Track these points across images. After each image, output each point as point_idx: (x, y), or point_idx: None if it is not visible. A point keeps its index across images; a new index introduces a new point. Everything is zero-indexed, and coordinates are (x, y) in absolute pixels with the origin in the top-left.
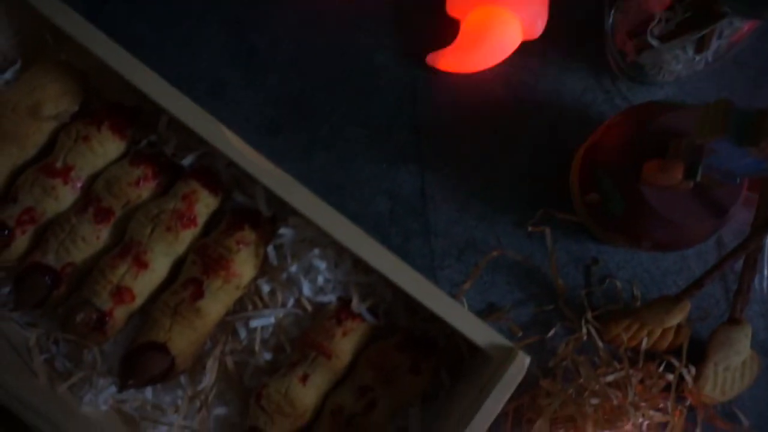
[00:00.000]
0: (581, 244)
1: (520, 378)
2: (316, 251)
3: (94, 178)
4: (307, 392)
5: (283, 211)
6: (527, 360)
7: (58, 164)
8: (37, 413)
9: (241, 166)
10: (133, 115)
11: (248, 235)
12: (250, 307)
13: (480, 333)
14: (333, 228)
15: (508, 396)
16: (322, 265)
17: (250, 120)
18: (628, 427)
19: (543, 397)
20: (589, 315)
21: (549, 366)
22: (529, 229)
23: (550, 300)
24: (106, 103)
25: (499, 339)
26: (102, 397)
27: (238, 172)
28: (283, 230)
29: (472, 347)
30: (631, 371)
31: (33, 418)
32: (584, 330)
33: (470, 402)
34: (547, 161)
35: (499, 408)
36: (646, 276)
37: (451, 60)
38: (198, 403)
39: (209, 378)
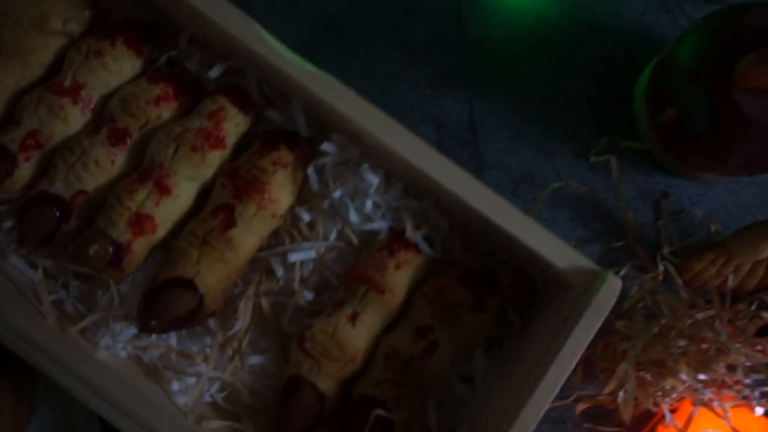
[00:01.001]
0: (649, 177)
1: (611, 303)
2: (365, 169)
3: (106, 99)
4: (357, 333)
5: (322, 133)
6: (619, 283)
7: (67, 82)
8: (46, 354)
9: (279, 67)
10: (149, 30)
11: (285, 155)
12: (287, 240)
13: (562, 255)
14: (388, 137)
15: (598, 325)
16: (370, 187)
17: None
18: (723, 370)
19: (620, 342)
20: (666, 250)
21: (623, 308)
22: (592, 159)
23: (618, 237)
24: (120, 18)
25: (584, 261)
26: (120, 343)
27: (271, 89)
28: (326, 145)
29: (548, 278)
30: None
31: (42, 360)
32: (660, 268)
33: (550, 338)
34: (607, 85)
35: (588, 339)
36: (723, 211)
37: None
38: (230, 351)
39: (242, 322)
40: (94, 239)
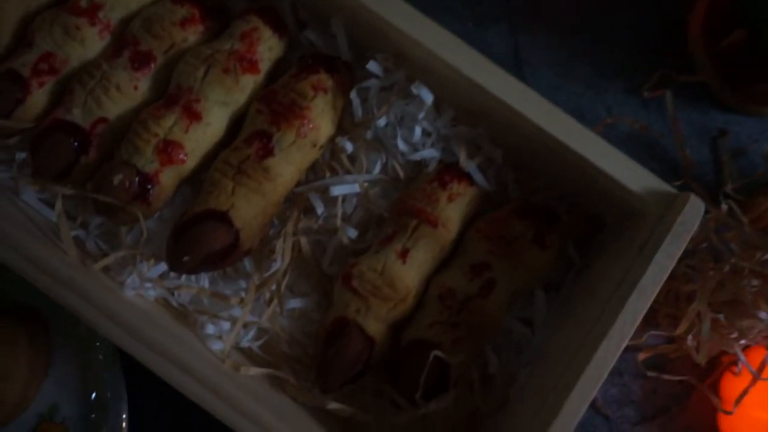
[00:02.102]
0: (705, 114)
1: (695, 226)
2: (419, 85)
3: (126, 23)
4: (408, 270)
5: (363, 58)
6: (702, 205)
7: (83, 2)
8: (71, 289)
9: None
10: None
11: (325, 80)
12: (327, 174)
13: (637, 177)
14: (444, 50)
15: (681, 249)
16: (420, 112)
17: None
18: None
19: (684, 284)
20: (729, 187)
21: (685, 249)
22: (645, 94)
23: (675, 176)
24: None
25: (660, 184)
26: (148, 283)
27: (307, 11)
28: (371, 65)
29: (616, 208)
30: None
31: (66, 295)
32: (723, 206)
33: (624, 270)
34: (657, 16)
35: (671, 265)
36: None
37: None
38: (267, 295)
39: (281, 262)
40: (118, 169)
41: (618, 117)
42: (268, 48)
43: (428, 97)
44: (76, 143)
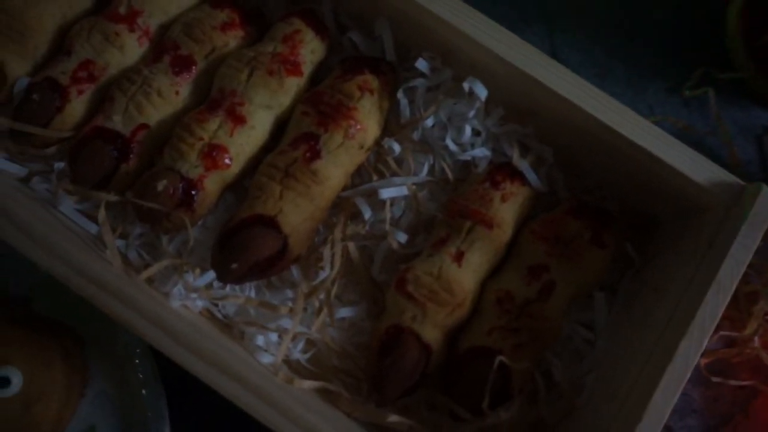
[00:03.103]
0: (748, 111)
1: None
2: (473, 81)
3: (164, 29)
4: (464, 274)
5: (407, 59)
6: None
7: (122, 9)
8: (118, 298)
9: None
10: None
11: (371, 80)
12: (374, 177)
13: (702, 168)
14: (499, 44)
15: (758, 241)
16: (470, 110)
17: None
18: None
19: (744, 284)
20: None
21: None
22: (687, 93)
23: None
24: None
25: (727, 175)
26: (194, 293)
27: (347, 15)
28: (419, 63)
29: (675, 204)
30: None
31: (114, 304)
32: None
33: (693, 267)
34: (693, 13)
35: (748, 258)
36: None
37: None
38: (316, 303)
39: (330, 269)
40: (162, 175)
41: (661, 116)
42: (311, 50)
43: (482, 93)
44: (116, 151)
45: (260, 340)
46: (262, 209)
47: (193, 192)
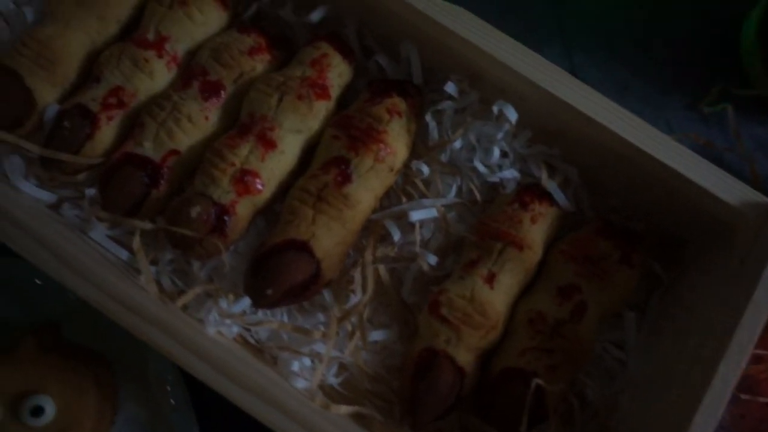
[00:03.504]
0: (766, 127)
1: None
2: (503, 104)
3: (192, 55)
4: (496, 296)
5: (433, 79)
6: None
7: (150, 35)
8: (156, 325)
9: None
10: None
11: (399, 103)
12: (403, 199)
13: (732, 189)
14: (528, 67)
15: None
16: (498, 132)
17: None
18: None
19: None
20: None
21: None
22: (705, 109)
23: None
24: None
25: (755, 194)
26: (228, 319)
27: (372, 38)
28: (448, 86)
29: (703, 223)
30: None
31: (152, 332)
32: None
33: (725, 285)
34: (710, 31)
35: None
36: None
37: None
38: (348, 327)
39: (362, 292)
40: (195, 201)
41: (682, 133)
42: (338, 74)
43: (513, 116)
44: (147, 177)
45: (295, 365)
46: (294, 234)
47: (226, 217)
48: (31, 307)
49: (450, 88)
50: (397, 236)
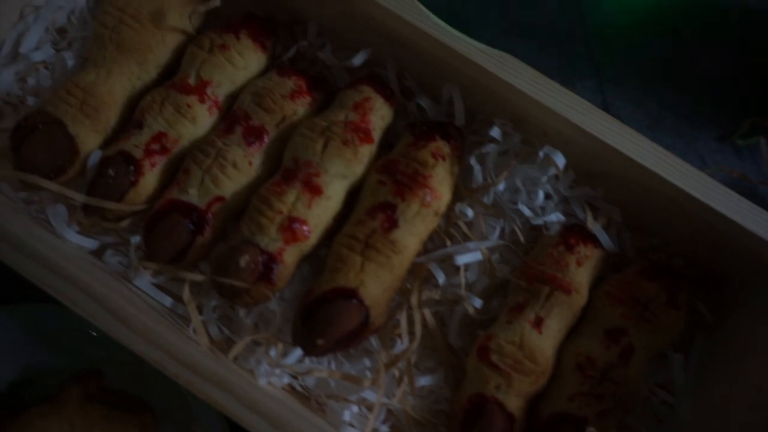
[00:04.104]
0: None
1: None
2: (550, 150)
3: (232, 98)
4: (545, 341)
5: (473, 120)
6: None
7: (191, 80)
8: (212, 382)
9: (445, 44)
10: (270, 23)
11: (443, 146)
12: (447, 242)
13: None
14: (574, 112)
15: None
16: (543, 175)
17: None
18: None
19: None
20: None
21: None
22: (739, 142)
23: None
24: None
25: None
26: (278, 368)
27: (412, 79)
28: (494, 131)
29: (747, 261)
30: None
31: (209, 389)
32: None
33: None
34: (741, 64)
35: None
36: None
37: None
38: (396, 372)
39: (407, 337)
40: (243, 250)
41: (716, 167)
42: (381, 117)
43: (561, 161)
44: (192, 224)
45: (346, 414)
46: (343, 281)
47: (273, 266)
48: (73, 353)
49: (495, 132)
50: (441, 279)
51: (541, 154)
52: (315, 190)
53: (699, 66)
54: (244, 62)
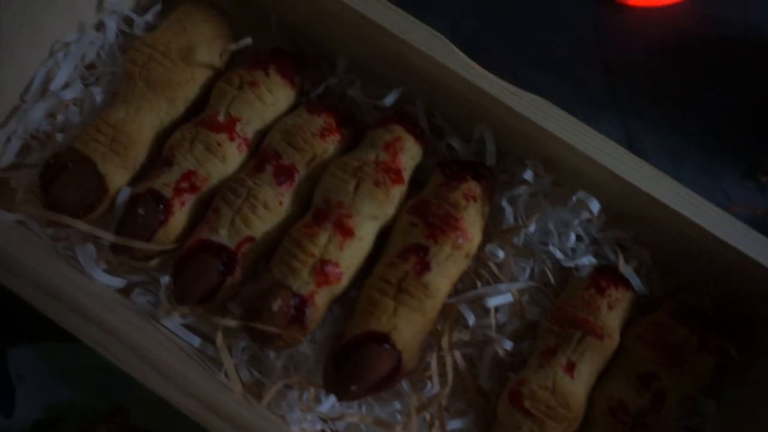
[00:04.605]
0: None
1: None
2: (584, 195)
3: (260, 135)
4: (577, 386)
5: (503, 160)
6: None
7: (221, 117)
8: (243, 426)
9: (478, 86)
10: (299, 59)
11: (474, 187)
12: (478, 283)
13: None
14: (607, 157)
15: None
16: (576, 218)
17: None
18: None
19: None
20: None
21: None
22: (762, 179)
23: None
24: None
25: None
26: (310, 414)
27: (442, 117)
28: (527, 174)
29: None
30: None
31: None
32: None
33: None
34: (765, 98)
35: None
36: None
37: None
38: (427, 416)
39: (439, 379)
40: (276, 293)
41: (741, 204)
42: (411, 156)
43: (596, 207)
44: (222, 264)
45: None
46: (375, 326)
47: (305, 309)
48: (98, 391)
49: (528, 175)
50: (471, 320)
51: (574, 198)
52: (347, 232)
53: (722, 100)
54: (273, 99)
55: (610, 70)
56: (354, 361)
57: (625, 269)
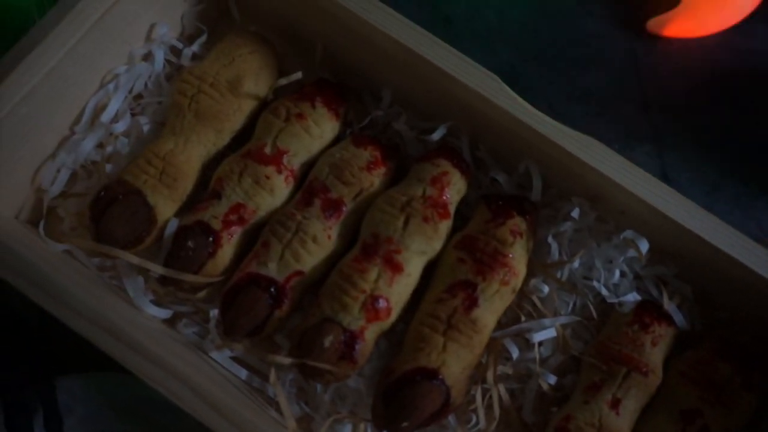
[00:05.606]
0: None
1: None
2: (632, 234)
3: (306, 167)
4: (622, 423)
5: (546, 194)
6: None
7: (268, 149)
8: None
9: (527, 124)
10: (344, 91)
11: (520, 223)
12: (522, 318)
13: None
14: (656, 198)
15: None
16: (621, 256)
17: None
18: None
19: None
20: None
21: None
22: None
23: None
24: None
25: None
26: None
27: (485, 151)
28: (574, 212)
29: None
30: None
31: None
32: None
33: None
34: None
35: None
36: None
37: (680, 24)
38: None
39: (485, 413)
40: (327, 330)
41: None
42: (457, 191)
43: (645, 246)
44: (271, 298)
45: None
46: (425, 362)
47: (355, 344)
48: (148, 422)
49: (575, 213)
50: (515, 354)
51: (621, 236)
52: (396, 268)
53: (755, 132)
54: (319, 131)
55: (647, 104)
56: (405, 398)
57: (669, 306)
